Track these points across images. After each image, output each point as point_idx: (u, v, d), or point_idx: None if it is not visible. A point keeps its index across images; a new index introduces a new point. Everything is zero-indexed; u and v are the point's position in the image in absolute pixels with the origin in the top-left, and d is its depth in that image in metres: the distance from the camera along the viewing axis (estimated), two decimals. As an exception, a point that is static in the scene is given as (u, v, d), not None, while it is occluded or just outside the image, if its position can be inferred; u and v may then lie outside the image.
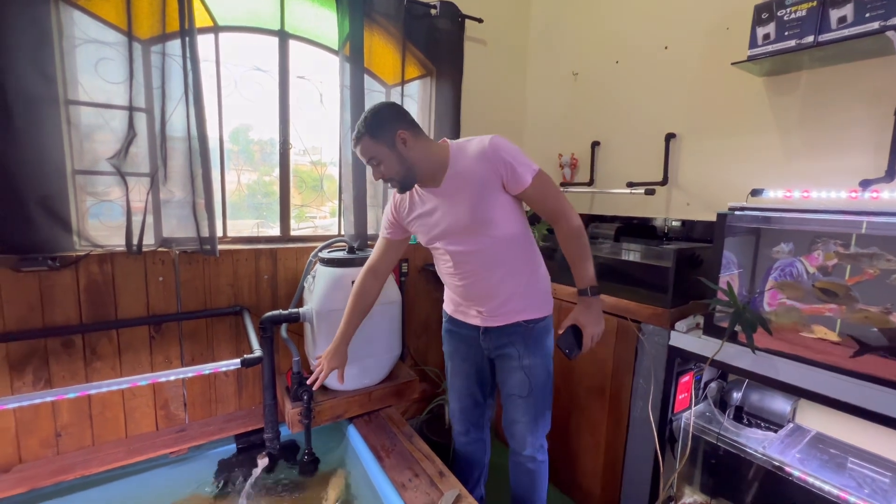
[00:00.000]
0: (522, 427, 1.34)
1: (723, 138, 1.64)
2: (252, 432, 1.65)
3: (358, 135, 1.15)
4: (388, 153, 1.14)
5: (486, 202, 1.16)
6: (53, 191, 1.35)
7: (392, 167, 1.15)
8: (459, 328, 1.38)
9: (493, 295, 1.25)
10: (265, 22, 1.74)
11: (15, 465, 1.42)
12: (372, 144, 1.13)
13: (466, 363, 1.40)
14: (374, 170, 1.18)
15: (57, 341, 1.44)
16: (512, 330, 1.28)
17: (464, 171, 1.16)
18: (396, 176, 1.17)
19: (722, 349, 1.23)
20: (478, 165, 1.14)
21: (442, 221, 1.21)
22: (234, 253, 1.70)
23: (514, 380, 1.31)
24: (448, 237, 1.22)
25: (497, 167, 1.13)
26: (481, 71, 2.25)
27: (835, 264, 1.25)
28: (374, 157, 1.15)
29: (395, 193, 1.31)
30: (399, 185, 1.19)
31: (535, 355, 1.29)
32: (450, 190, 1.18)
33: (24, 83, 1.28)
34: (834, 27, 1.18)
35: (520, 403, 1.32)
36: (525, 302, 1.27)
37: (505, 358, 1.32)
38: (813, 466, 1.18)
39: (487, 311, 1.28)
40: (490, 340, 1.32)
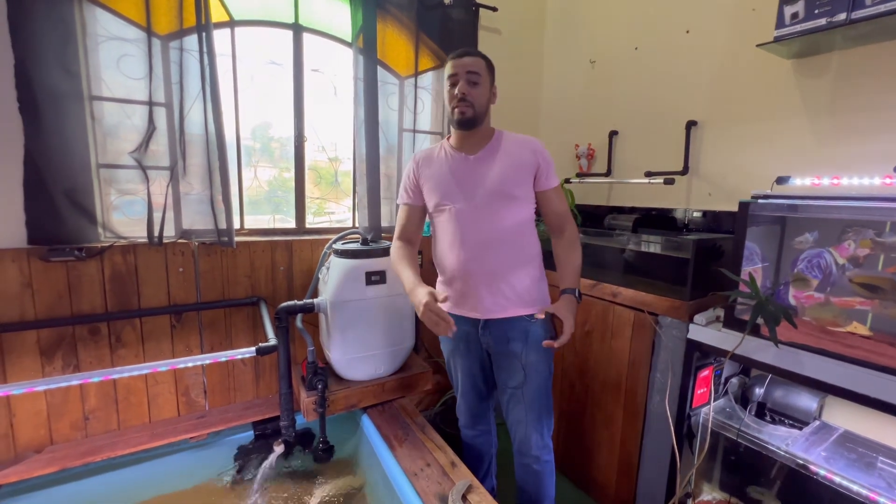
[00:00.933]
0: (526, 427, 1.33)
1: (747, 125, 1.57)
2: (269, 420, 1.69)
3: (475, 51, 1.22)
4: (487, 84, 1.22)
5: (517, 179, 1.23)
6: (79, 184, 1.41)
7: (482, 95, 1.21)
8: (459, 324, 1.31)
9: (498, 276, 1.24)
10: (279, 15, 1.76)
11: (47, 445, 1.49)
12: (484, 68, 1.21)
13: (468, 360, 1.39)
14: (466, 85, 1.18)
15: (84, 329, 1.50)
16: (513, 324, 1.27)
17: (506, 147, 1.26)
18: (477, 105, 1.20)
19: (743, 343, 1.19)
20: (521, 149, 1.25)
21: (466, 181, 1.25)
22: (250, 245, 1.74)
23: (515, 378, 1.30)
24: (465, 197, 1.24)
25: (538, 159, 1.25)
26: (496, 61, 2.17)
27: (867, 255, 1.19)
28: (479, 74, 1.19)
29: (417, 155, 1.36)
30: (469, 116, 1.20)
31: (538, 351, 1.28)
32: (484, 158, 1.25)
33: (51, 80, 1.33)
34: (868, 3, 1.11)
35: (522, 402, 1.31)
36: (527, 295, 1.27)
37: (505, 355, 1.30)
38: (840, 465, 1.13)
39: (488, 299, 1.26)
40: (490, 335, 1.30)
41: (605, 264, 1.74)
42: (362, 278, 1.60)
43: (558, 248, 1.32)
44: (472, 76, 1.19)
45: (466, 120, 1.20)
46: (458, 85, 1.19)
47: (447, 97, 1.24)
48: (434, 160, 1.31)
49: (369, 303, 1.62)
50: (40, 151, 1.34)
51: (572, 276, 1.27)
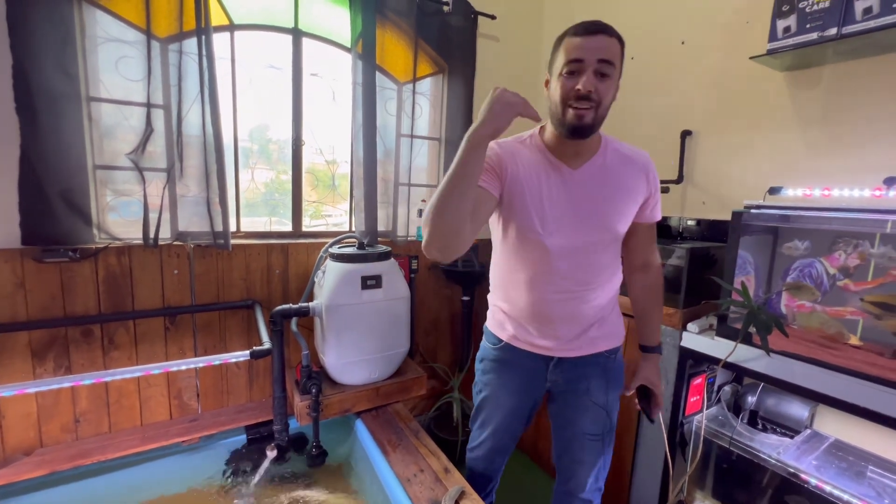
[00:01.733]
0: (587, 469, 1.15)
1: (741, 135, 1.60)
2: (262, 424, 1.68)
3: (611, 29, 0.88)
4: (618, 77, 0.90)
5: (627, 212, 1.01)
6: (75, 185, 1.40)
7: (610, 92, 0.89)
8: (520, 359, 1.10)
9: (583, 316, 1.04)
10: (279, 20, 1.77)
11: (36, 448, 1.47)
12: (619, 53, 0.88)
13: (518, 399, 1.14)
14: (594, 78, 0.85)
15: (77, 330, 1.49)
16: (591, 361, 1.08)
17: (613, 164, 0.99)
18: (604, 107, 0.90)
19: (736, 351, 1.20)
20: (632, 170, 1.01)
21: (571, 208, 0.96)
22: (246, 248, 1.73)
23: (588, 418, 1.11)
24: (566, 230, 0.97)
25: (650, 186, 1.03)
26: (494, 68, 2.24)
27: (857, 265, 1.21)
28: (612, 65, 0.86)
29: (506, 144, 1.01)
30: (589, 122, 0.88)
31: (616, 389, 1.13)
32: (589, 176, 0.98)
33: (48, 81, 1.33)
34: (859, 19, 1.13)
35: (591, 445, 1.13)
36: (608, 327, 1.09)
37: (577, 393, 1.10)
38: (830, 474, 1.14)
39: (569, 337, 1.05)
40: (561, 373, 1.09)
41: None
42: (358, 282, 1.60)
43: (640, 291, 1.12)
44: (603, 66, 0.85)
45: (585, 126, 0.89)
46: (582, 76, 0.86)
47: (557, 87, 0.89)
48: (524, 162, 0.98)
49: (365, 307, 1.62)
50: (36, 152, 1.33)
51: (655, 329, 1.12)
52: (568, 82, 0.87)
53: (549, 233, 0.97)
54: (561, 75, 0.88)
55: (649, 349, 1.14)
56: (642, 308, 1.15)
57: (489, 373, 1.16)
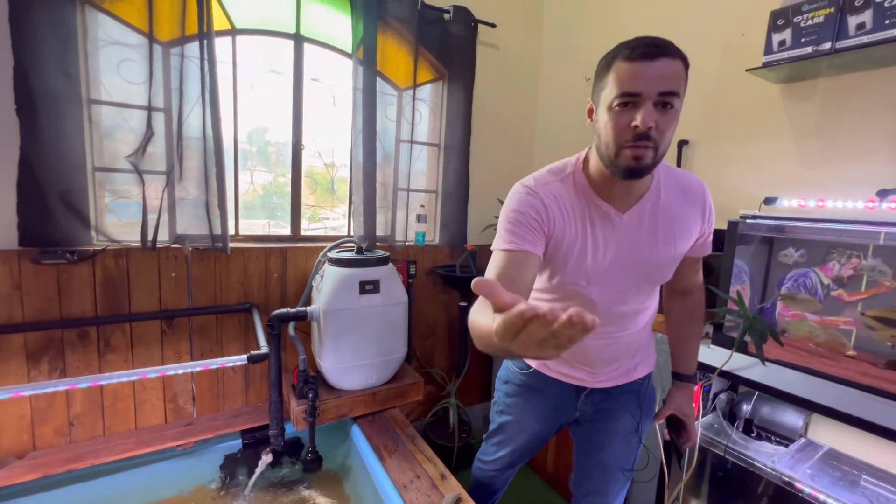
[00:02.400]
0: (604, 500, 1.11)
1: (737, 146, 1.62)
2: (258, 428, 1.67)
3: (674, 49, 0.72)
4: (680, 105, 0.73)
5: (679, 254, 0.90)
6: (74, 186, 1.40)
7: (672, 126, 0.74)
8: (549, 387, 1.05)
9: (622, 354, 1.00)
10: (281, 25, 1.78)
11: (29, 451, 1.46)
12: (683, 77, 0.73)
13: (545, 424, 1.10)
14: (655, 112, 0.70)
15: (72, 332, 1.48)
16: (624, 389, 1.04)
17: (666, 201, 0.86)
18: (665, 144, 0.74)
19: (732, 360, 1.20)
20: (687, 206, 0.88)
21: (616, 257, 0.86)
22: (245, 251, 1.73)
23: (616, 448, 1.05)
24: (610, 281, 0.88)
25: (704, 224, 0.90)
26: (493, 75, 2.26)
27: (851, 275, 1.22)
28: (677, 96, 0.71)
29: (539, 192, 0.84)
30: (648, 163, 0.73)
31: (649, 415, 1.08)
32: (639, 219, 0.85)
33: (50, 82, 1.33)
34: (852, 34, 1.15)
35: (617, 477, 1.08)
36: (642, 354, 1.04)
37: (608, 420, 1.05)
38: (824, 483, 1.15)
39: (603, 372, 1.01)
40: (592, 403, 1.05)
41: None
42: (356, 287, 1.61)
43: (679, 316, 1.05)
44: (667, 97, 0.70)
45: (644, 168, 0.74)
46: (640, 109, 0.70)
47: (608, 122, 0.74)
48: (566, 207, 0.85)
49: (362, 312, 1.62)
50: (36, 153, 1.33)
51: (692, 357, 1.05)
52: (622, 119, 0.72)
53: (594, 284, 0.89)
54: (611, 108, 0.73)
55: (684, 378, 1.05)
56: (680, 333, 1.06)
57: (514, 396, 1.12)
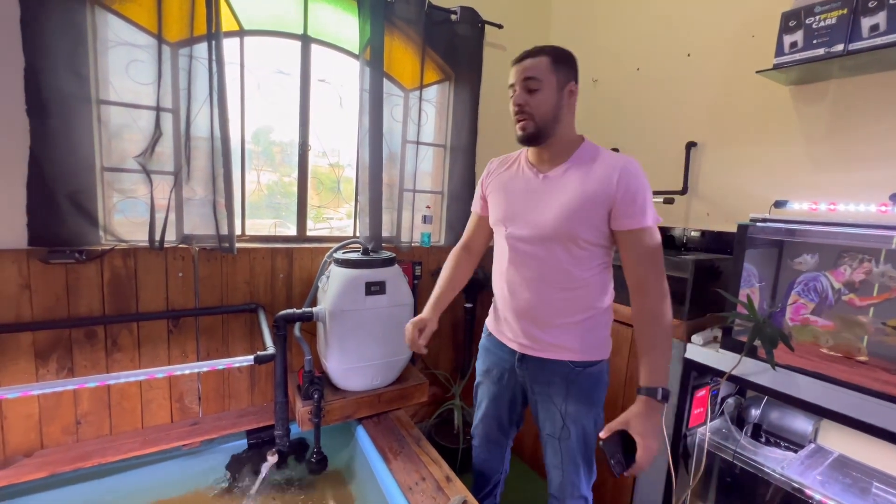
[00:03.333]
0: (560, 473, 1.18)
1: (746, 148, 1.60)
2: (263, 428, 1.67)
3: (538, 50, 1.01)
4: (553, 87, 1.00)
5: (582, 216, 1.01)
6: (82, 186, 1.41)
7: (545, 102, 1.00)
8: (497, 349, 1.22)
9: (539, 317, 1.09)
10: (289, 26, 1.78)
11: (37, 450, 1.47)
12: (546, 68, 0.99)
13: (498, 387, 1.25)
14: (522, 94, 1.01)
15: (80, 332, 1.49)
16: (553, 367, 1.11)
17: (585, 169, 1.03)
18: (539, 115, 1.01)
19: (740, 364, 1.19)
20: (599, 174, 1.01)
21: (527, 204, 1.08)
22: (251, 251, 1.74)
23: (551, 423, 1.15)
24: (520, 223, 1.08)
25: (616, 189, 0.98)
26: (500, 76, 2.25)
27: (862, 280, 1.21)
28: (538, 80, 0.99)
29: (492, 162, 1.21)
30: (530, 131, 1.02)
31: (580, 403, 1.11)
32: (556, 181, 1.06)
33: (59, 83, 1.34)
34: (865, 35, 1.14)
35: (557, 447, 1.16)
36: (577, 341, 1.09)
37: (544, 398, 1.15)
38: (835, 490, 1.14)
39: (527, 335, 1.12)
40: (527, 371, 1.16)
41: (603, 281, 1.75)
42: (362, 288, 1.60)
43: (635, 320, 1.01)
44: (528, 82, 1.00)
45: (528, 136, 1.03)
46: (514, 94, 1.03)
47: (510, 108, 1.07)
48: (505, 172, 1.17)
49: (368, 313, 1.62)
50: (45, 153, 1.34)
51: (654, 368, 0.96)
52: (511, 101, 1.05)
53: (508, 224, 1.11)
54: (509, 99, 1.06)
55: (641, 390, 0.96)
56: (639, 339, 1.01)
57: (479, 358, 1.31)
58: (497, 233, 1.18)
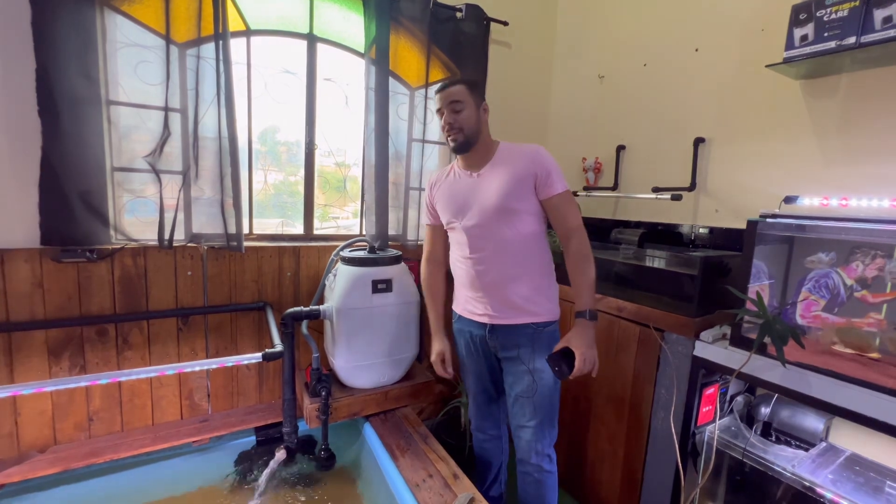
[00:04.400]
0: (528, 433, 1.35)
1: (756, 143, 1.58)
2: (271, 425, 1.69)
3: (454, 81, 1.28)
4: (473, 106, 1.27)
5: (516, 193, 1.25)
6: (93, 186, 1.43)
7: (469, 119, 1.26)
8: (468, 327, 1.41)
9: (503, 285, 1.30)
10: (295, 26, 1.79)
11: (50, 446, 1.49)
12: (465, 93, 1.26)
13: (477, 362, 1.44)
14: (450, 115, 1.26)
15: (92, 330, 1.51)
16: (520, 331, 1.31)
17: (507, 160, 1.29)
18: (467, 128, 1.26)
19: (750, 362, 1.18)
20: (519, 161, 1.27)
21: (470, 199, 1.31)
22: (259, 250, 1.75)
23: (520, 382, 1.33)
24: (469, 214, 1.31)
25: (535, 168, 1.25)
26: (506, 74, 2.25)
27: (875, 276, 1.19)
28: (461, 102, 1.25)
29: (431, 178, 1.45)
30: (461, 141, 1.27)
31: (543, 355, 1.30)
32: (487, 174, 1.30)
33: (70, 84, 1.36)
34: (878, 28, 1.12)
35: (526, 406, 1.33)
36: (534, 305, 1.31)
37: (512, 360, 1.34)
38: (847, 489, 1.12)
39: (495, 306, 1.32)
40: (497, 339, 1.35)
41: (610, 278, 1.75)
42: (368, 286, 1.61)
43: (567, 264, 1.29)
44: (454, 105, 1.26)
45: (460, 145, 1.28)
46: (444, 116, 1.28)
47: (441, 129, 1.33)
48: (444, 181, 1.40)
49: (375, 311, 1.63)
50: (57, 154, 1.36)
51: (583, 295, 1.24)
52: (442, 122, 1.30)
53: (460, 218, 1.33)
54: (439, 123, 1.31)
55: (577, 314, 1.23)
56: (569, 273, 1.27)
57: (457, 344, 1.49)
58: (451, 230, 1.39)
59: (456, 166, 1.40)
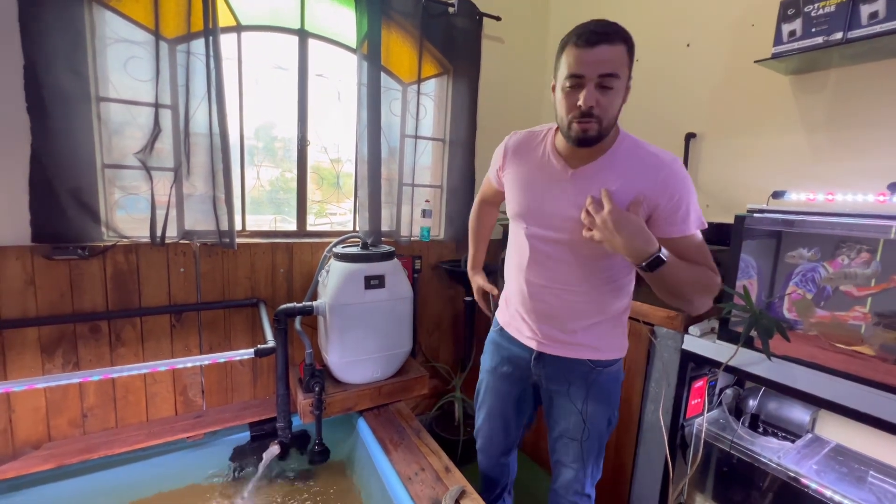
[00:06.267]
0: (570, 473, 1.16)
1: (746, 138, 1.59)
2: (266, 421, 1.70)
3: (615, 33, 0.82)
4: (624, 84, 0.85)
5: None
6: (84, 183, 1.42)
7: (615, 104, 0.85)
8: (510, 344, 1.15)
9: (561, 314, 1.03)
10: (286, 21, 1.78)
11: (45, 442, 1.50)
12: (624, 60, 0.82)
13: (507, 384, 1.19)
14: (594, 92, 0.82)
15: (85, 327, 1.51)
16: (573, 366, 1.07)
17: (619, 168, 0.90)
18: (608, 119, 0.85)
19: (738, 355, 1.20)
20: (639, 176, 0.89)
21: (550, 201, 0.97)
22: (251, 246, 1.75)
23: (566, 421, 1.12)
24: (543, 222, 0.99)
25: (659, 196, 0.88)
26: (499, 69, 2.25)
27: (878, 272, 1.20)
28: (617, 77, 0.82)
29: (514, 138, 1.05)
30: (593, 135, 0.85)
31: (599, 402, 1.09)
32: (586, 178, 0.92)
33: (59, 81, 1.35)
34: (865, 23, 1.13)
35: (571, 447, 1.13)
36: (597, 339, 1.05)
37: (560, 395, 1.11)
38: (830, 479, 1.14)
39: (546, 333, 1.06)
40: (543, 369, 1.11)
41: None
42: (361, 282, 1.62)
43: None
44: (606, 80, 0.81)
45: (588, 139, 0.86)
46: (583, 91, 0.82)
47: (561, 100, 0.86)
48: (529, 156, 1.02)
49: (368, 307, 1.64)
50: (47, 151, 1.36)
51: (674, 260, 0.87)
52: (570, 98, 0.84)
53: (529, 221, 1.01)
54: (563, 88, 0.86)
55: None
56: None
57: (486, 354, 1.24)
58: (515, 226, 1.06)
59: (551, 141, 0.99)
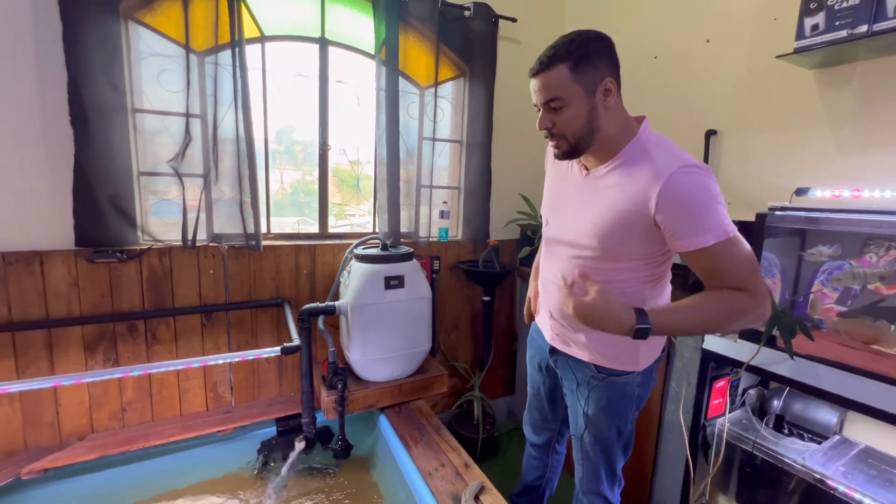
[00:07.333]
0: (580, 471, 1.20)
1: (768, 134, 1.56)
2: (291, 416, 1.76)
3: (550, 58, 0.83)
4: (581, 98, 0.84)
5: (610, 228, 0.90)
6: (122, 190, 1.51)
7: (575, 120, 0.86)
8: (537, 335, 1.24)
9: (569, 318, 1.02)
10: (307, 30, 1.84)
11: (88, 434, 1.60)
12: (566, 78, 0.83)
13: (538, 375, 1.28)
14: (547, 116, 0.87)
15: (123, 326, 1.60)
16: (578, 368, 1.08)
17: (625, 176, 0.88)
18: (571, 134, 0.87)
19: (760, 354, 1.18)
20: (641, 184, 0.85)
21: (565, 205, 1.01)
22: (276, 248, 1.82)
23: (575, 420, 1.15)
24: (559, 224, 1.04)
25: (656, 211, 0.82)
26: (515, 70, 2.26)
27: (891, 270, 1.17)
28: (560, 98, 0.84)
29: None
30: (566, 150, 0.90)
31: (600, 410, 1.07)
32: (598, 181, 0.94)
33: (99, 94, 1.44)
34: (891, 15, 1.10)
35: (577, 445, 1.18)
36: (605, 346, 1.02)
37: (570, 394, 1.14)
38: (858, 481, 1.12)
39: (557, 330, 1.10)
40: (556, 363, 1.15)
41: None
42: (381, 282, 1.66)
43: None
44: (552, 103, 0.86)
45: (565, 154, 0.92)
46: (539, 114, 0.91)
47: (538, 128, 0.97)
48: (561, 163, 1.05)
49: (388, 306, 1.68)
50: (88, 160, 1.45)
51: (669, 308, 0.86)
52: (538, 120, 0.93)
53: (546, 221, 1.11)
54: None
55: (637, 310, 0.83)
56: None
57: (529, 343, 1.32)
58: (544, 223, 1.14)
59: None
